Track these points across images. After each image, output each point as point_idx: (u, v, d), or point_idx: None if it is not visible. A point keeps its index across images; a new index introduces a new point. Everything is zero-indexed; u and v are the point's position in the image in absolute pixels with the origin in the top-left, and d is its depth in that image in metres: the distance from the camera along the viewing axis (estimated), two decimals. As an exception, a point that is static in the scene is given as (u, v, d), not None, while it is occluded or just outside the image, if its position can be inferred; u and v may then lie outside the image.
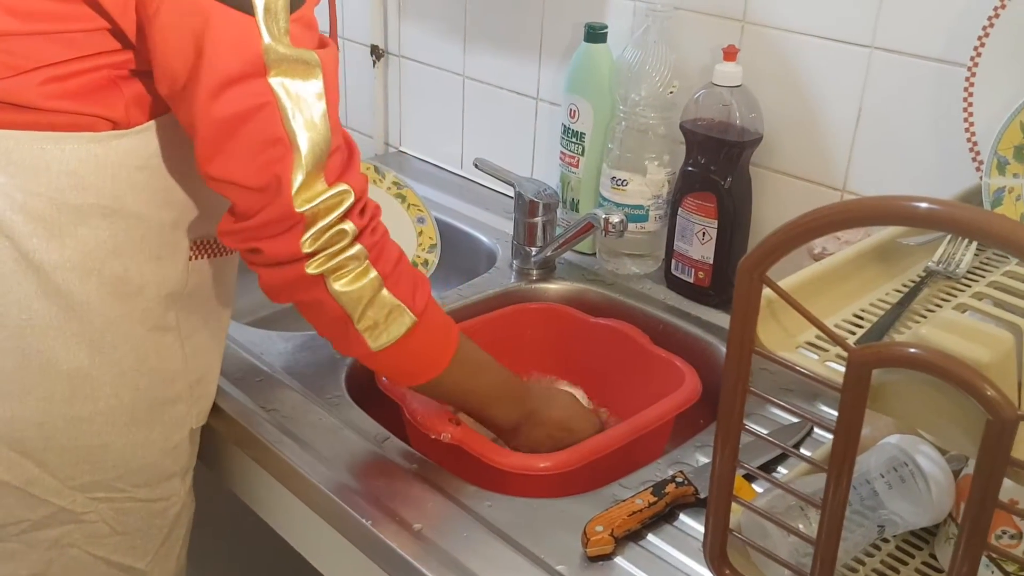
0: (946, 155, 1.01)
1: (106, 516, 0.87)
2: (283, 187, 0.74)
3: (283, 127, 0.73)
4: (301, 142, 0.74)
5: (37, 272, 0.77)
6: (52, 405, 0.80)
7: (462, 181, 1.57)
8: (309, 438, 0.92)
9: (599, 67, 1.23)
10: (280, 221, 0.75)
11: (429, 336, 0.85)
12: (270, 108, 0.72)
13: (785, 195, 1.17)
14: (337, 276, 0.78)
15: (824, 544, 0.60)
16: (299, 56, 0.73)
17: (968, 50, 0.90)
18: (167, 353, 0.86)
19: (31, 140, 0.75)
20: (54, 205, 0.77)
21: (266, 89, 0.72)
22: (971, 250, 0.76)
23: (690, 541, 0.80)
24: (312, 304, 0.80)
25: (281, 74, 0.72)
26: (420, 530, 0.80)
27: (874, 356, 0.54)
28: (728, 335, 0.60)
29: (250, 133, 0.73)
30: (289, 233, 0.76)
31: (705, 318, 1.16)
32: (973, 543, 0.54)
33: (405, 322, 0.82)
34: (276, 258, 0.77)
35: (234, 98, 0.72)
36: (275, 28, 0.71)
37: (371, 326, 0.81)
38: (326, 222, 0.76)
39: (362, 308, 0.80)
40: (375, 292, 0.80)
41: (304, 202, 0.75)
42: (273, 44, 0.71)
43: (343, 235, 0.77)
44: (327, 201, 0.76)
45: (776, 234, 0.57)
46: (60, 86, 0.75)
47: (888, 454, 0.70)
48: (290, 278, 0.78)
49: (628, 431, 0.93)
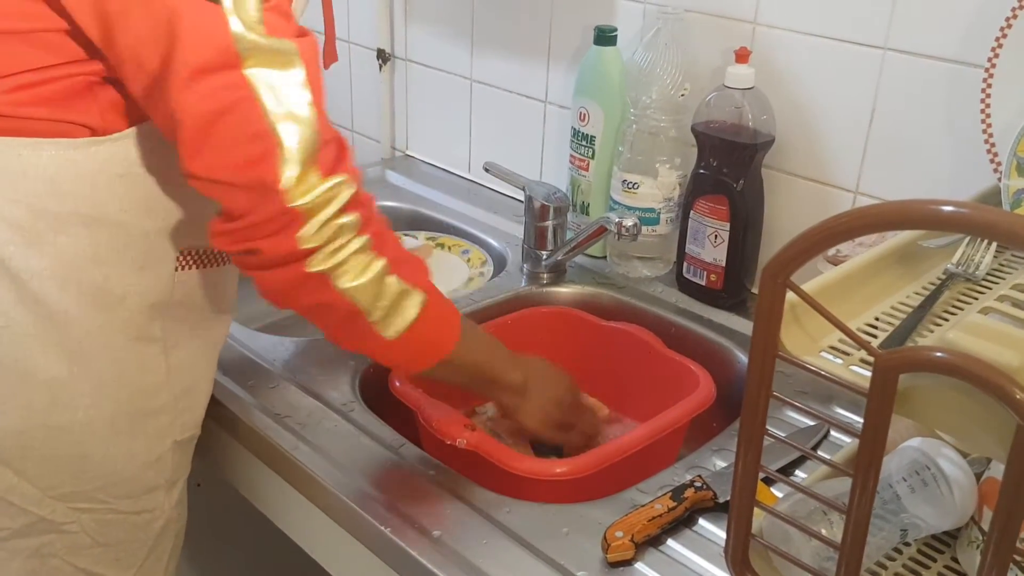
0: (960, 157, 1.01)
1: (87, 527, 0.86)
2: (271, 183, 0.71)
3: (265, 120, 0.70)
4: (286, 135, 0.71)
5: (14, 280, 0.76)
6: (31, 414, 0.80)
7: (470, 185, 1.56)
8: (325, 445, 0.92)
9: (609, 70, 1.23)
10: (274, 218, 0.72)
11: (438, 312, 0.83)
12: (248, 101, 0.70)
13: (798, 197, 1.16)
14: (342, 272, 0.75)
15: (850, 548, 0.59)
16: (275, 46, 0.70)
17: (982, 51, 0.90)
18: (150, 364, 0.85)
19: (8, 146, 0.75)
20: (32, 212, 0.76)
21: (242, 81, 0.69)
22: (991, 252, 0.75)
23: (710, 546, 0.80)
24: (320, 307, 0.78)
25: (257, 64, 0.69)
26: (439, 536, 0.80)
27: (901, 360, 0.54)
28: (751, 340, 0.60)
29: (230, 128, 0.70)
30: (286, 230, 0.73)
31: (718, 321, 1.15)
32: (1002, 547, 0.54)
33: (416, 302, 0.80)
34: (275, 257, 0.74)
35: (209, 91, 0.69)
36: (245, 16, 0.69)
37: (383, 316, 0.78)
38: (325, 216, 0.73)
39: (372, 299, 0.77)
40: (382, 281, 0.77)
41: (299, 196, 0.72)
42: (244, 32, 0.68)
43: (346, 228, 0.74)
44: (324, 194, 0.73)
45: (800, 239, 0.56)
46: (31, 92, 0.74)
47: (910, 457, 0.70)
48: (292, 279, 0.75)
49: (644, 435, 0.92)
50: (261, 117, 0.70)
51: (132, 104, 0.76)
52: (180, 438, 0.90)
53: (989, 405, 0.51)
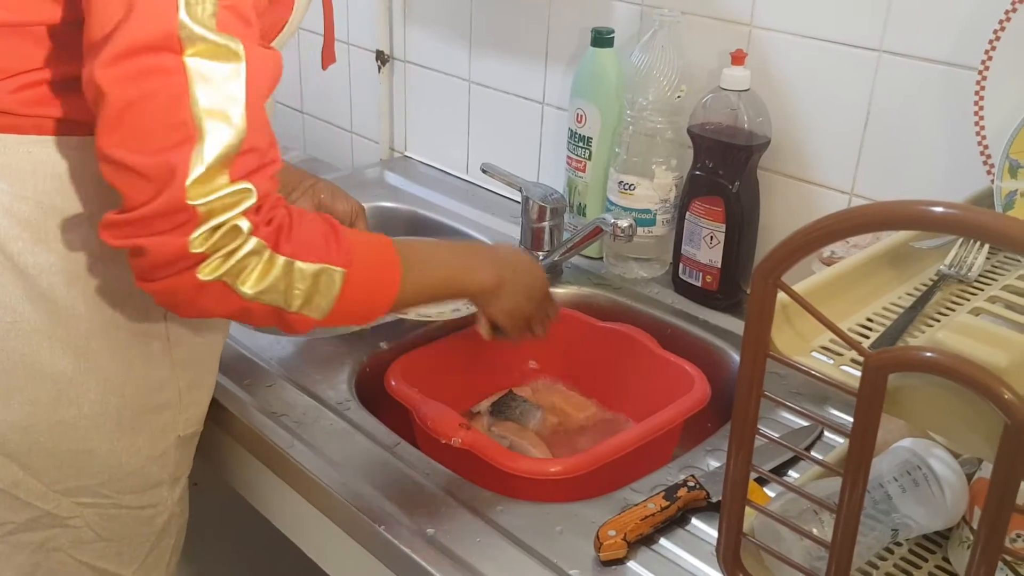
0: (954, 158, 1.01)
1: (91, 522, 0.86)
2: (177, 176, 0.67)
3: (190, 111, 0.68)
4: (208, 130, 0.68)
5: (22, 275, 0.77)
6: (37, 409, 0.80)
7: (467, 186, 1.57)
8: (321, 443, 0.92)
9: (606, 72, 1.23)
10: (168, 215, 0.68)
11: (367, 270, 0.79)
12: (179, 87, 0.67)
13: (793, 199, 1.17)
14: (242, 279, 0.72)
15: (839, 548, 0.60)
16: (221, 41, 0.68)
17: (976, 53, 0.90)
18: (154, 360, 0.85)
19: (18, 143, 0.75)
20: (41, 209, 0.77)
21: (178, 66, 0.67)
22: (983, 253, 0.76)
23: (702, 545, 0.80)
24: (236, 314, 0.75)
25: (198, 54, 0.68)
26: (433, 535, 0.80)
27: (891, 360, 0.54)
28: (743, 340, 0.60)
29: (154, 111, 0.67)
30: (177, 230, 0.68)
31: (713, 322, 1.16)
32: (990, 547, 0.54)
33: (336, 279, 0.76)
34: (162, 259, 0.70)
35: (141, 69, 0.67)
36: (198, 7, 0.67)
37: (305, 302, 0.75)
38: (219, 220, 0.69)
39: (284, 294, 0.74)
40: (289, 275, 0.74)
41: (199, 195, 0.68)
42: (189, 21, 0.67)
43: (237, 232, 0.70)
44: (225, 198, 0.69)
45: (792, 239, 0.57)
46: (40, 90, 0.75)
47: (901, 458, 0.71)
48: (187, 287, 0.71)
49: (639, 435, 0.93)
50: (187, 107, 0.68)
51: None
52: (184, 433, 0.91)
53: (978, 405, 0.52)
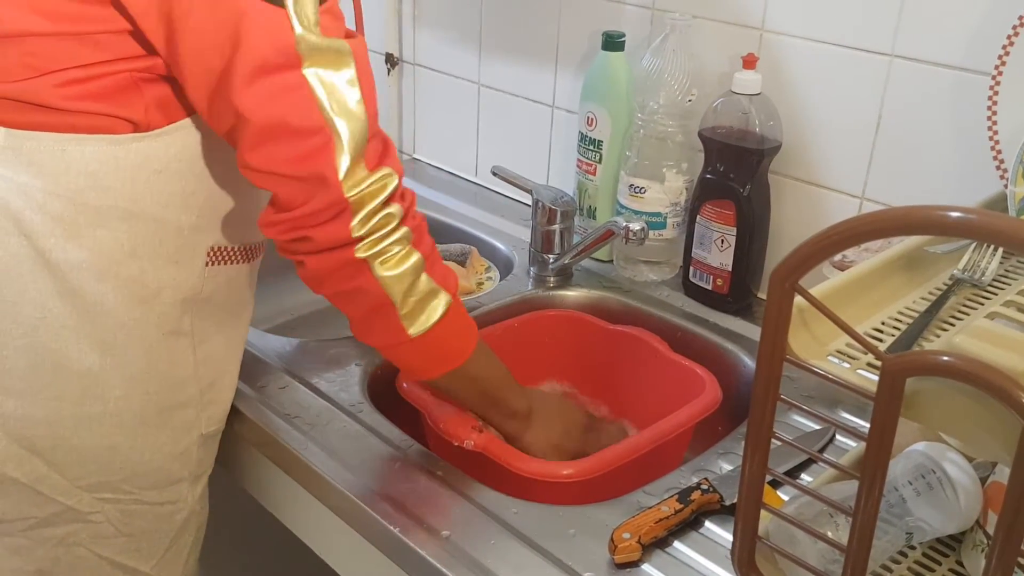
0: (966, 163, 1.02)
1: (112, 517, 0.87)
2: (329, 175, 0.75)
3: (322, 116, 0.75)
4: (341, 130, 0.75)
5: (54, 271, 0.78)
6: (62, 404, 0.81)
7: (477, 188, 1.57)
8: (334, 445, 0.92)
9: (617, 75, 1.24)
10: (328, 208, 0.77)
11: (459, 320, 0.87)
12: (307, 98, 0.74)
13: (804, 203, 1.17)
14: (383, 260, 0.79)
15: (855, 551, 0.60)
16: (330, 45, 0.75)
17: (988, 58, 0.91)
18: (179, 358, 0.86)
19: (53, 141, 0.76)
20: (73, 206, 0.77)
21: (302, 80, 0.74)
22: (996, 258, 0.76)
23: (716, 548, 0.80)
24: (354, 292, 0.81)
25: (314, 64, 0.74)
26: (448, 536, 0.80)
27: (908, 364, 0.54)
28: (760, 343, 0.60)
29: (291, 123, 0.74)
30: (339, 219, 0.77)
31: (723, 325, 1.16)
32: (1007, 551, 0.54)
33: (441, 304, 0.84)
34: (326, 244, 0.78)
35: (273, 90, 0.73)
36: (305, 19, 0.73)
37: (410, 311, 0.82)
38: (372, 206, 0.78)
39: (404, 292, 0.81)
40: (416, 276, 0.81)
41: (350, 188, 0.76)
42: (304, 34, 0.73)
43: (391, 218, 0.79)
44: (372, 186, 0.77)
45: (809, 244, 0.57)
46: (80, 88, 0.75)
47: (915, 461, 0.71)
48: (338, 263, 0.79)
49: (651, 438, 0.93)
50: (319, 113, 0.75)
51: (176, 102, 0.79)
52: (206, 431, 0.92)
53: (995, 409, 0.52)
